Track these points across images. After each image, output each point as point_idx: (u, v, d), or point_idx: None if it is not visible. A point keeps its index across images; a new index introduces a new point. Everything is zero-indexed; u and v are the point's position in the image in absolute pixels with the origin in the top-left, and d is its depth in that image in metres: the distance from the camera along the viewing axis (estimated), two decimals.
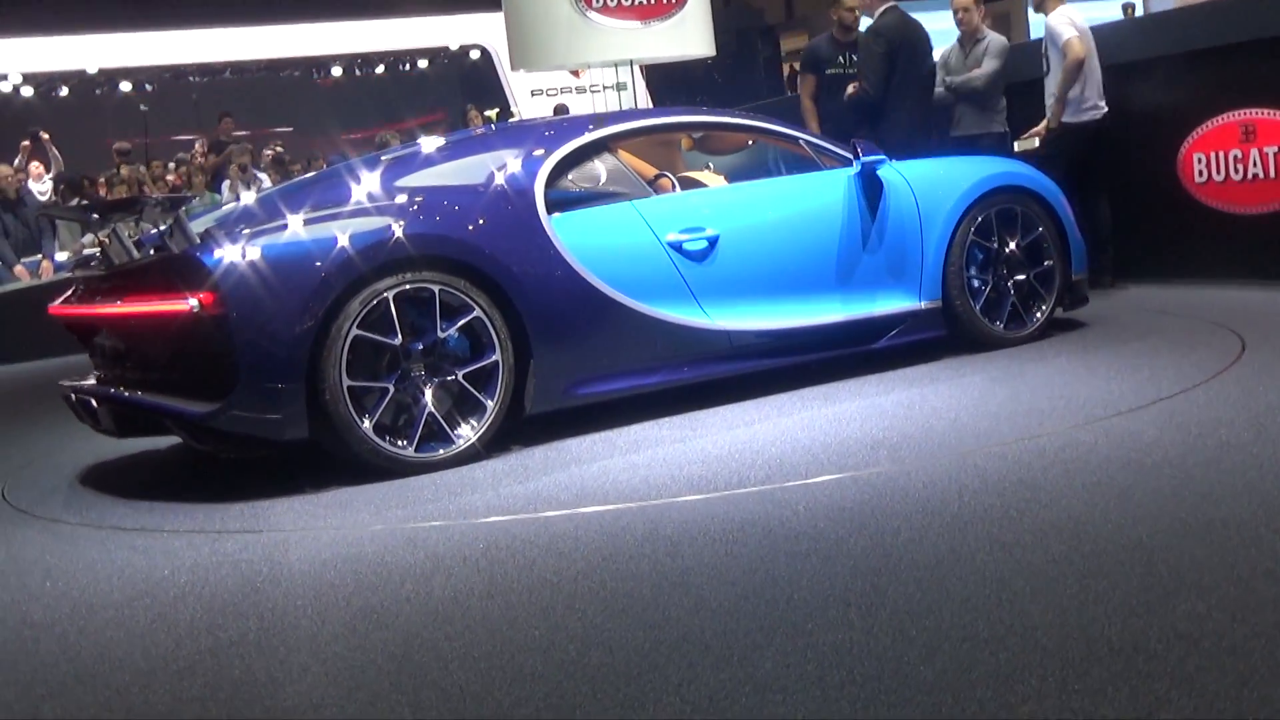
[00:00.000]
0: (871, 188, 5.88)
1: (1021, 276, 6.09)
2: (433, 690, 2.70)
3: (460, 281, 4.87)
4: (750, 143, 6.45)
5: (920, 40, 8.27)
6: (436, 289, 4.83)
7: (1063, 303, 6.28)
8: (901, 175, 5.99)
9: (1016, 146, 8.02)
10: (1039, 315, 6.12)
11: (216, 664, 2.99)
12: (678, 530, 3.67)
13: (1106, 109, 7.74)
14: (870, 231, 5.83)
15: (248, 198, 6.20)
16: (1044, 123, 7.77)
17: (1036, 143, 7.79)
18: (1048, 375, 5.34)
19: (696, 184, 6.10)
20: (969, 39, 8.42)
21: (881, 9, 8.27)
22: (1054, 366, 5.51)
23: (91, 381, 5.36)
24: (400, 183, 5.20)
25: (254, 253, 4.68)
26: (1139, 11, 23.05)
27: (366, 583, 3.49)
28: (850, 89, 8.22)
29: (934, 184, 6.01)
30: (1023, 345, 6.01)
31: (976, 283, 6.01)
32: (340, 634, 3.10)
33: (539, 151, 5.38)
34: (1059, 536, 3.24)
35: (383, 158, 5.58)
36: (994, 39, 8.39)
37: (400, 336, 4.77)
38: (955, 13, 8.45)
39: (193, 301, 4.60)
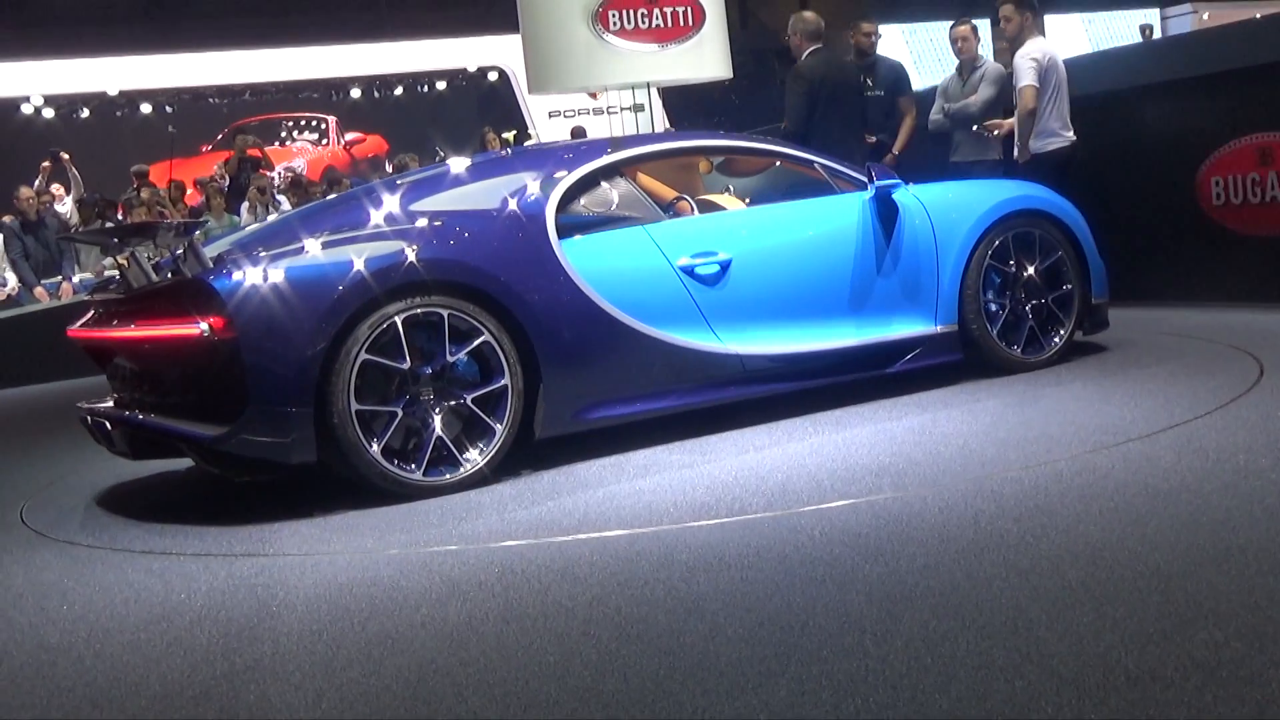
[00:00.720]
0: (886, 211, 5.88)
1: (1039, 300, 6.07)
2: (447, 717, 2.70)
3: (469, 306, 4.88)
4: (778, 164, 6.45)
5: (844, 80, 8.45)
6: (445, 313, 4.84)
7: (1082, 326, 6.24)
8: (917, 199, 5.99)
9: (974, 129, 8.26)
10: (1057, 339, 6.10)
11: (232, 689, 2.99)
12: (692, 556, 3.66)
13: (1074, 138, 7.75)
14: (884, 255, 5.82)
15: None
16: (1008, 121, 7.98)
17: (996, 133, 8.00)
18: (1062, 400, 5.33)
19: (716, 207, 6.10)
20: (967, 67, 8.52)
21: (809, 49, 8.52)
22: (1069, 391, 5.49)
23: (108, 404, 5.39)
24: (412, 207, 5.21)
25: (264, 277, 4.71)
26: (1157, 34, 23.09)
27: (381, 608, 3.49)
28: (783, 125, 8.51)
29: (950, 207, 6.00)
30: (1041, 369, 5.99)
31: (993, 306, 5.99)
32: (355, 659, 3.10)
33: (551, 176, 5.40)
34: (1075, 563, 3.22)
35: (399, 181, 5.61)
36: (991, 66, 8.53)
37: (409, 361, 4.78)
38: (955, 41, 8.57)
39: (203, 325, 4.63)
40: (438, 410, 4.84)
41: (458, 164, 5.84)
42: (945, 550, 3.44)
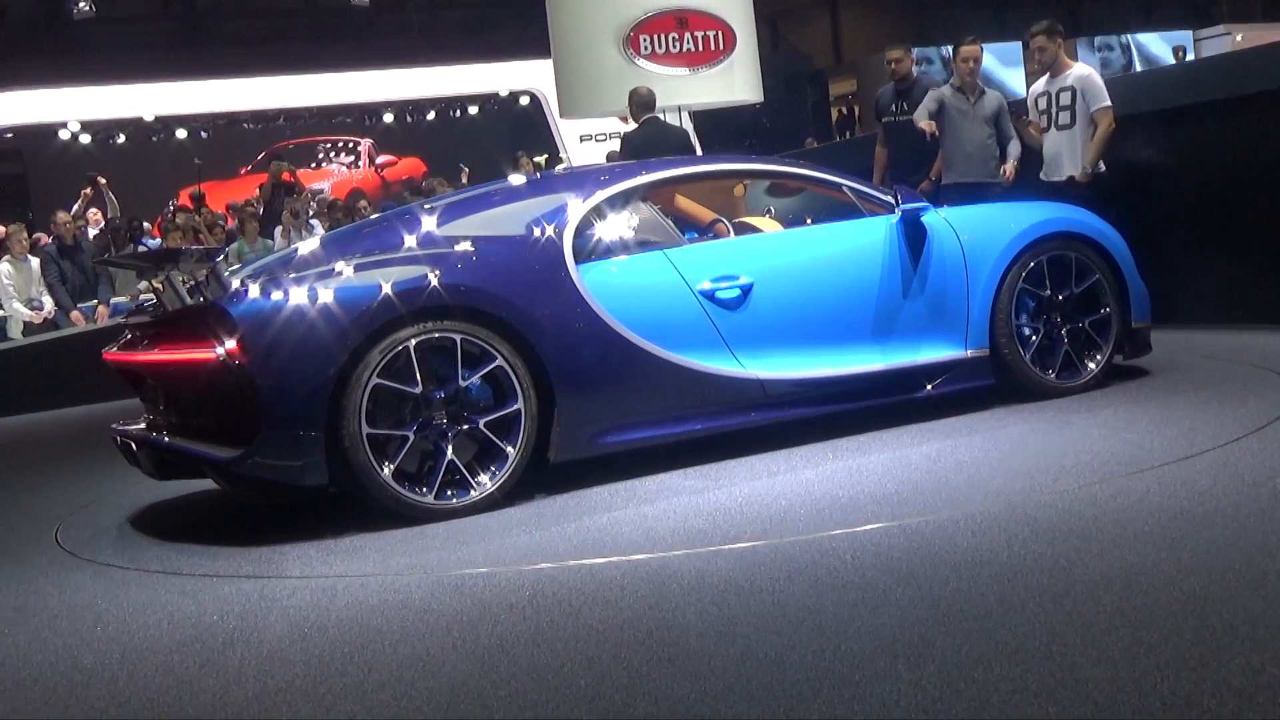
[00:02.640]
0: (914, 234, 5.81)
1: (1076, 324, 5.97)
2: None
3: (482, 330, 4.89)
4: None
5: (669, 145, 9.16)
6: (458, 338, 4.86)
7: (1122, 350, 6.14)
8: (947, 222, 5.94)
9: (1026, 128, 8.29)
10: (1093, 365, 5.98)
11: (264, 711, 3.00)
12: (724, 579, 3.65)
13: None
14: (911, 279, 5.76)
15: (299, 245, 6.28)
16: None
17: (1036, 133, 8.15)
18: (1087, 427, 5.24)
19: (754, 230, 6.09)
20: (971, 89, 8.47)
21: (644, 118, 9.65)
22: (1097, 418, 5.40)
23: (139, 426, 5.45)
24: (431, 233, 5.25)
25: (279, 301, 4.77)
26: (1190, 55, 23.01)
27: (413, 630, 3.50)
28: None
29: (981, 230, 5.94)
30: (1077, 394, 5.87)
31: (1027, 330, 5.90)
32: (387, 682, 3.11)
33: (570, 201, 5.40)
34: (1110, 587, 3.20)
35: (426, 206, 5.63)
36: (993, 93, 8.60)
37: (421, 385, 4.80)
38: (966, 61, 8.58)
39: (220, 350, 4.70)
40: (450, 434, 4.86)
41: (485, 190, 5.86)
42: (978, 574, 3.42)
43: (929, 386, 5.74)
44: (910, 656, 2.86)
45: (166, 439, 5.16)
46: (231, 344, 4.68)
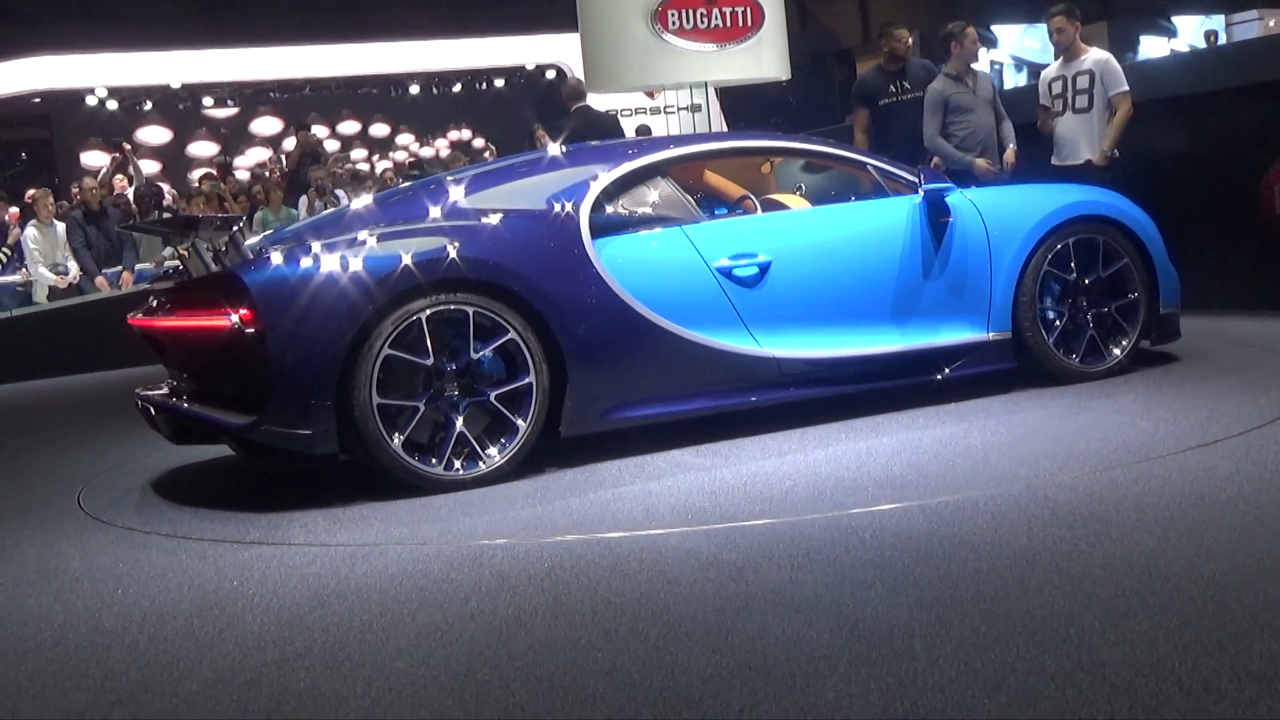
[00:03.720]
0: (936, 214, 5.77)
1: (1102, 309, 5.92)
2: (494, 709, 2.71)
3: (494, 304, 4.90)
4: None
5: (601, 129, 9.98)
6: (470, 311, 4.87)
7: (1149, 336, 6.09)
8: (972, 203, 5.89)
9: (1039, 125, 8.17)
10: (1118, 350, 5.93)
11: (282, 676, 3.02)
12: (742, 555, 3.65)
13: None
14: (933, 259, 5.72)
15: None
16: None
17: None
18: (1104, 414, 5.21)
19: (782, 207, 6.07)
20: (966, 74, 8.34)
21: (575, 107, 10.67)
22: (1115, 404, 5.37)
23: (162, 391, 5.49)
24: (448, 205, 5.25)
25: (294, 271, 4.80)
26: (1221, 39, 22.80)
27: (431, 599, 3.51)
28: None
29: (1007, 212, 5.90)
30: (1101, 379, 5.83)
31: (1051, 314, 5.85)
32: (404, 650, 3.12)
33: (589, 175, 5.40)
34: (1129, 572, 3.19)
35: (449, 179, 5.63)
36: (986, 75, 8.52)
37: (432, 357, 4.82)
38: (975, 43, 8.52)
39: (234, 318, 4.73)
40: (461, 406, 4.88)
41: (505, 163, 5.86)
42: (997, 555, 3.42)
43: (948, 369, 5.72)
44: (928, 636, 2.86)
45: (184, 404, 5.21)
46: (245, 311, 4.71)
